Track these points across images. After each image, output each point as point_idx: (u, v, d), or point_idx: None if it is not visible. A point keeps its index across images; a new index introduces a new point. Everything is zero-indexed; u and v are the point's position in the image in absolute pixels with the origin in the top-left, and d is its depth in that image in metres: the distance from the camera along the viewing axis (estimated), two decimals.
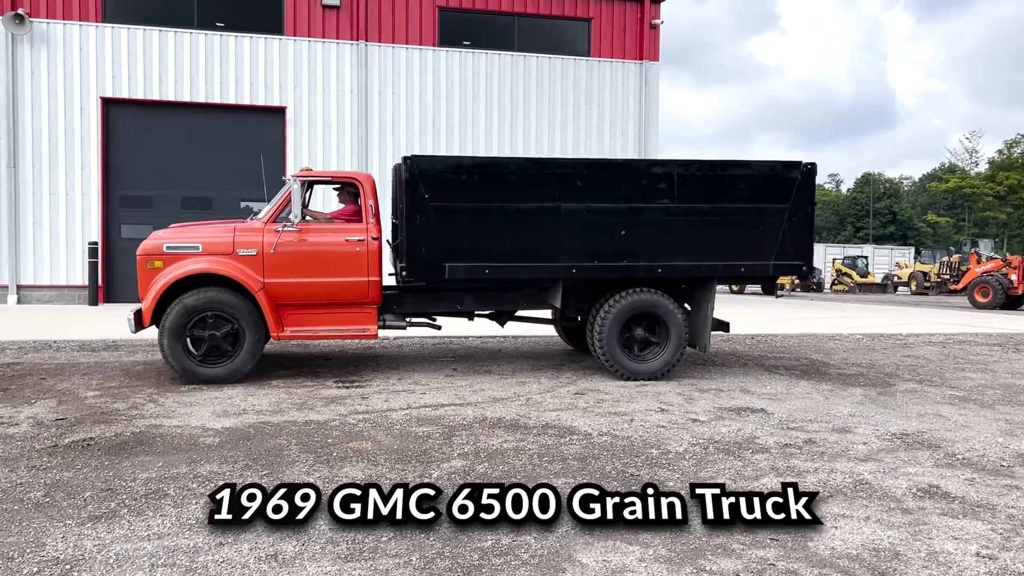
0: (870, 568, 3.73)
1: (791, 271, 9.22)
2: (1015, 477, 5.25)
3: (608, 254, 8.56)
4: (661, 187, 8.58)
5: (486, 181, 8.43)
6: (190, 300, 7.99)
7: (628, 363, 8.71)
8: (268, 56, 18.03)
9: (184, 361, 8.03)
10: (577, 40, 19.96)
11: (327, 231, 8.47)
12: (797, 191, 8.81)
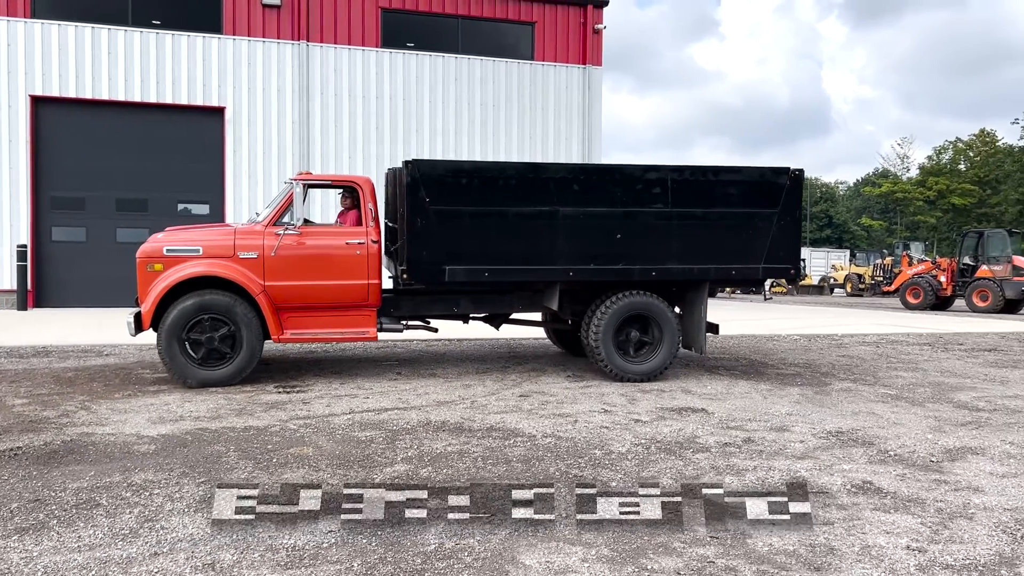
0: (806, 563, 3.81)
1: (780, 274, 9.41)
2: (944, 472, 5.42)
3: (604, 257, 8.70)
4: (655, 192, 8.76)
5: (485, 185, 8.50)
6: (189, 303, 7.98)
7: (624, 364, 8.84)
8: (206, 55, 17.67)
9: (183, 364, 8.01)
10: (521, 44, 20.03)
11: (327, 234, 8.52)
12: (786, 196, 9.05)
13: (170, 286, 7.96)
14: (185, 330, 7.99)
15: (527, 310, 9.48)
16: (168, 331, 7.94)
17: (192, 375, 8.04)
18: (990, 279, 24.01)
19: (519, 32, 20.01)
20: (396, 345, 11.62)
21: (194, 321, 8.00)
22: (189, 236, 8.43)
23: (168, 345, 7.95)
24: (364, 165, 18.49)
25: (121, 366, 9.48)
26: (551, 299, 8.99)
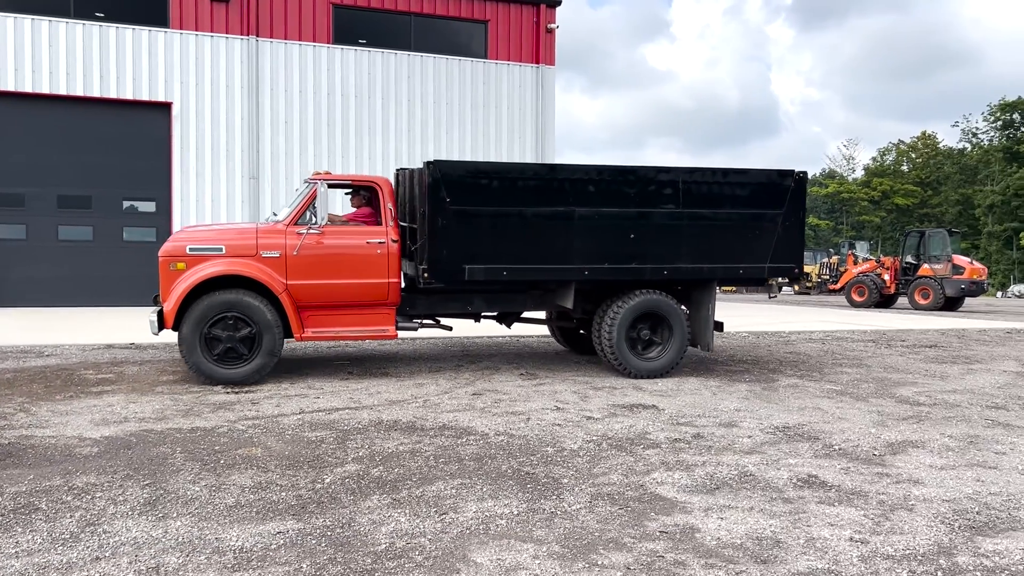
0: (753, 556, 3.87)
1: (784, 273, 9.59)
2: (886, 465, 5.56)
3: (618, 257, 8.89)
4: (667, 193, 8.97)
5: (504, 186, 8.64)
6: (212, 301, 8.00)
7: (636, 362, 9.03)
8: (152, 49, 17.27)
9: (203, 363, 8.04)
10: (474, 42, 19.99)
11: (348, 234, 8.56)
12: (790, 198, 9.33)
13: (194, 284, 7.96)
14: (206, 329, 8.01)
15: (537, 309, 9.68)
16: (190, 330, 7.96)
17: (213, 373, 8.07)
18: (931, 277, 24.69)
19: (472, 30, 19.97)
20: (348, 344, 11.52)
21: (215, 320, 8.03)
22: (211, 235, 8.45)
23: (190, 344, 7.98)
24: (315, 162, 18.28)
25: (63, 367, 9.24)
26: (565, 298, 9.14)
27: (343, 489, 4.79)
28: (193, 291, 8.01)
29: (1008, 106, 70.80)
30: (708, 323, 9.37)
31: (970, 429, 6.73)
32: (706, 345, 9.43)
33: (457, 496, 4.70)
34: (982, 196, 69.52)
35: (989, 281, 39.07)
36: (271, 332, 8.15)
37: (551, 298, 9.39)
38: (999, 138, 72.29)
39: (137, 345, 10.92)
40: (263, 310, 8.12)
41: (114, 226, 17.36)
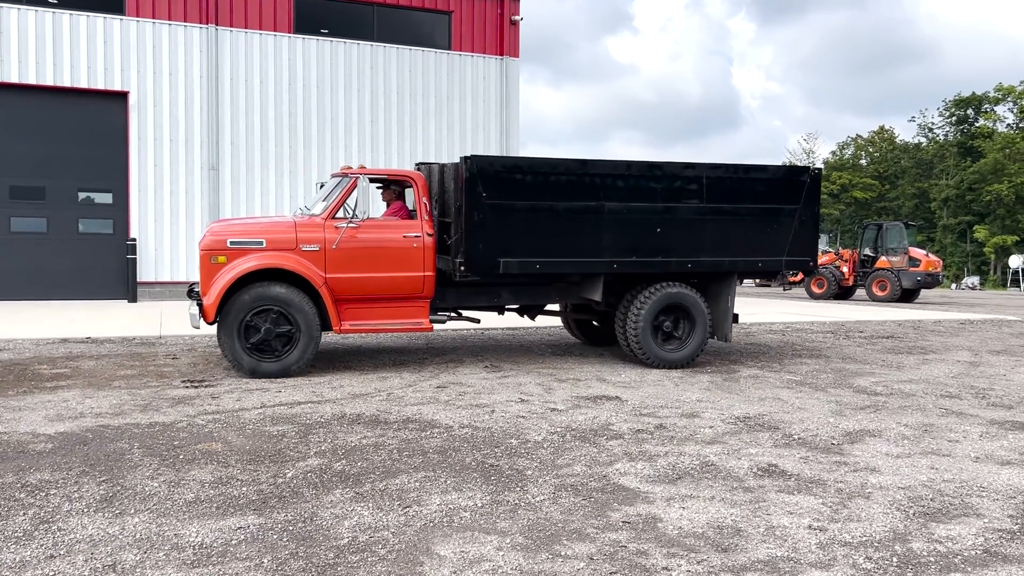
0: (714, 545, 3.91)
1: (800, 266, 9.96)
2: (844, 454, 5.65)
3: (645, 250, 9.13)
4: (692, 188, 9.26)
5: (537, 180, 8.82)
6: (252, 294, 8.06)
7: (660, 352, 9.26)
8: (108, 37, 16.89)
9: (243, 356, 8.10)
10: (438, 33, 19.85)
11: (385, 228, 8.66)
12: (806, 193, 9.68)
13: (236, 277, 7.98)
14: (246, 321, 8.05)
15: (562, 301, 9.85)
16: (230, 323, 8.01)
17: (253, 366, 8.13)
18: (888, 270, 25.14)
19: (436, 21, 19.83)
20: None
21: (254, 312, 8.07)
22: (252, 228, 8.49)
23: (229, 337, 8.03)
24: (277, 153, 18.05)
25: (16, 362, 9.03)
26: (592, 291, 9.35)
27: (305, 483, 4.75)
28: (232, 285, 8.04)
29: (962, 102, 72.29)
30: (728, 315, 9.69)
31: (925, 418, 6.87)
32: (724, 336, 9.72)
33: (421, 489, 4.69)
34: (937, 190, 70.95)
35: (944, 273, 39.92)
36: (310, 325, 8.22)
37: (575, 291, 9.62)
38: (953, 133, 73.83)
39: (93, 339, 10.71)
40: (303, 303, 8.20)
41: (69, 217, 16.98)
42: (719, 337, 9.76)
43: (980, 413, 7.12)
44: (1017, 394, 8.12)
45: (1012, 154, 64.66)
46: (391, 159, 19.06)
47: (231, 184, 17.77)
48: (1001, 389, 8.39)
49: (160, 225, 17.21)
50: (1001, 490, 4.87)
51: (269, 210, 17.93)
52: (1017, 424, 6.70)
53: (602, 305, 9.53)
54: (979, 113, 72.20)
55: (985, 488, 4.90)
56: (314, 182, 18.32)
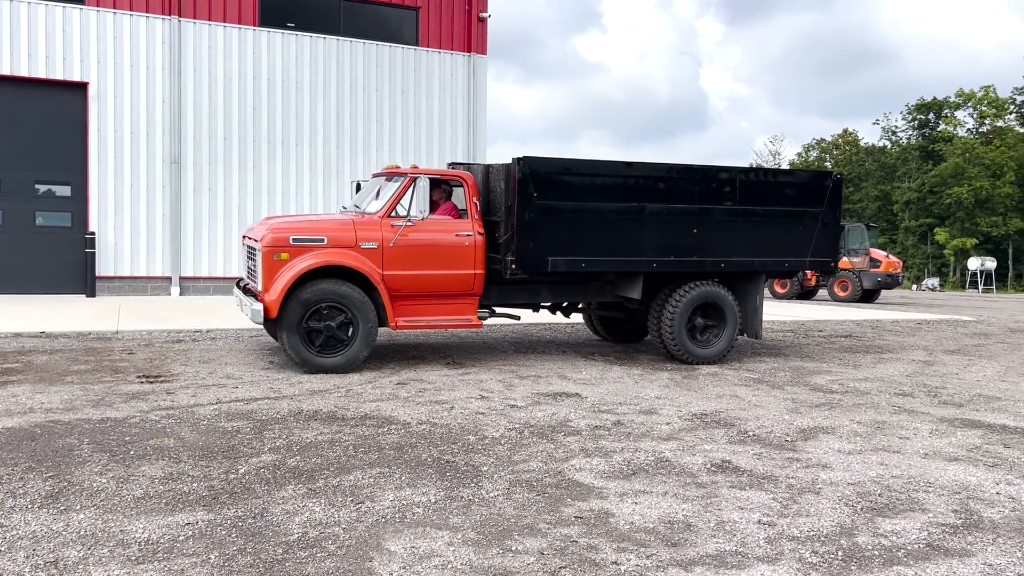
0: (664, 540, 3.95)
1: (822, 267, 10.48)
2: (797, 450, 5.73)
3: (682, 250, 9.47)
4: (726, 191, 9.65)
5: (584, 182, 9.11)
6: (315, 291, 8.20)
7: (695, 349, 9.61)
8: (67, 27, 16.55)
9: (304, 351, 8.21)
10: (405, 29, 19.73)
11: (439, 226, 8.83)
12: (829, 197, 10.11)
13: (300, 273, 8.12)
14: (306, 318, 8.18)
15: (598, 299, 10.08)
16: (291, 318, 8.12)
17: (313, 362, 8.24)
18: (850, 270, 25.52)
19: (403, 17, 19.70)
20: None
21: (313, 309, 8.20)
22: (312, 226, 8.63)
23: (291, 332, 8.14)
24: (240, 148, 17.83)
25: None
26: (631, 289, 9.62)
27: (257, 479, 4.71)
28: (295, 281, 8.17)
29: (924, 106, 73.63)
30: (757, 313, 10.11)
31: (878, 415, 6.99)
32: (755, 333, 10.14)
33: (375, 485, 4.67)
34: (900, 193, 72.19)
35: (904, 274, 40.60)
36: (369, 321, 8.38)
37: (610, 289, 9.88)
38: (916, 137, 75.15)
39: (48, 334, 10.50)
40: (363, 299, 8.34)
41: (26, 210, 16.61)
42: (749, 334, 10.20)
43: (931, 411, 7.26)
44: (968, 392, 8.29)
45: (972, 158, 65.99)
46: (356, 154, 18.94)
47: (193, 178, 17.51)
48: (953, 388, 8.56)
49: (120, 219, 16.91)
50: (947, 486, 4.96)
51: (231, 205, 17.73)
52: (966, 422, 6.84)
53: (635, 303, 9.86)
54: (940, 118, 73.59)
55: (932, 484, 5.00)
56: (278, 176, 18.14)
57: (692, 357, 9.56)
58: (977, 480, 5.09)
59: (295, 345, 8.18)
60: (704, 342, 9.72)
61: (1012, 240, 66.25)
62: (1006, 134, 68.41)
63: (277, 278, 8.16)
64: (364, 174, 18.84)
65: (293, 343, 8.17)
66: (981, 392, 8.33)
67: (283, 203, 18.15)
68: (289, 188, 18.28)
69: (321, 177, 18.57)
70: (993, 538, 4.08)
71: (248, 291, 8.99)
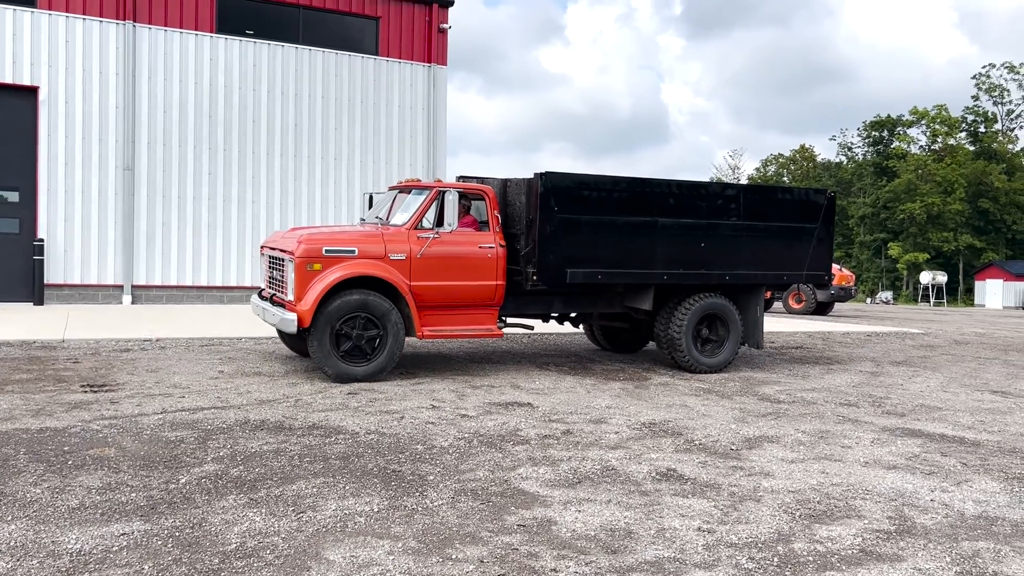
0: (604, 547, 3.97)
1: (817, 280, 10.98)
2: (741, 459, 5.81)
3: (690, 263, 9.84)
4: (732, 207, 10.06)
5: (602, 196, 9.44)
6: (345, 301, 8.31)
7: (701, 358, 9.95)
8: (17, 29, 16.24)
9: (334, 361, 8.32)
10: (365, 39, 19.69)
11: (462, 238, 9.03)
12: (824, 213, 10.65)
13: (333, 284, 8.23)
14: (336, 328, 8.28)
15: (609, 310, 10.32)
16: (323, 328, 8.22)
17: (342, 371, 8.34)
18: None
19: (363, 26, 19.66)
20: (222, 342, 11.15)
21: (346, 319, 8.33)
22: (343, 238, 8.74)
23: (322, 342, 8.23)
24: (195, 155, 17.61)
25: None
26: (641, 300, 9.91)
27: (198, 489, 4.64)
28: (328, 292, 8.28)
29: (878, 124, 75.37)
30: (758, 324, 10.51)
31: (822, 425, 7.11)
32: (756, 343, 10.53)
33: (317, 495, 4.63)
34: (855, 207, 73.68)
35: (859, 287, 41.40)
36: (396, 331, 8.53)
37: (620, 300, 10.15)
38: (870, 153, 76.83)
39: None
40: (392, 309, 8.48)
41: None
42: (751, 344, 10.54)
43: (874, 420, 7.41)
44: (911, 402, 8.48)
45: (924, 175, 67.64)
46: (314, 162, 18.82)
47: (147, 185, 17.25)
48: (897, 398, 8.75)
49: (71, 225, 16.59)
50: (884, 493, 5.07)
51: (186, 213, 17.48)
52: (908, 431, 7.00)
53: (643, 314, 10.18)
54: (893, 135, 75.34)
55: (869, 491, 5.10)
56: (234, 184, 17.94)
57: (699, 366, 9.87)
58: (913, 487, 5.21)
59: (326, 354, 8.26)
60: (709, 352, 10.04)
61: (962, 255, 67.94)
62: (957, 152, 70.28)
63: (310, 288, 8.24)
64: (322, 183, 18.75)
65: (324, 352, 8.26)
66: (923, 402, 8.53)
67: (238, 211, 17.96)
68: (245, 196, 18.09)
69: (278, 186, 18.42)
70: (924, 543, 4.18)
71: (273, 301, 9.04)
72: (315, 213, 18.59)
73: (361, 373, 8.43)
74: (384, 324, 8.49)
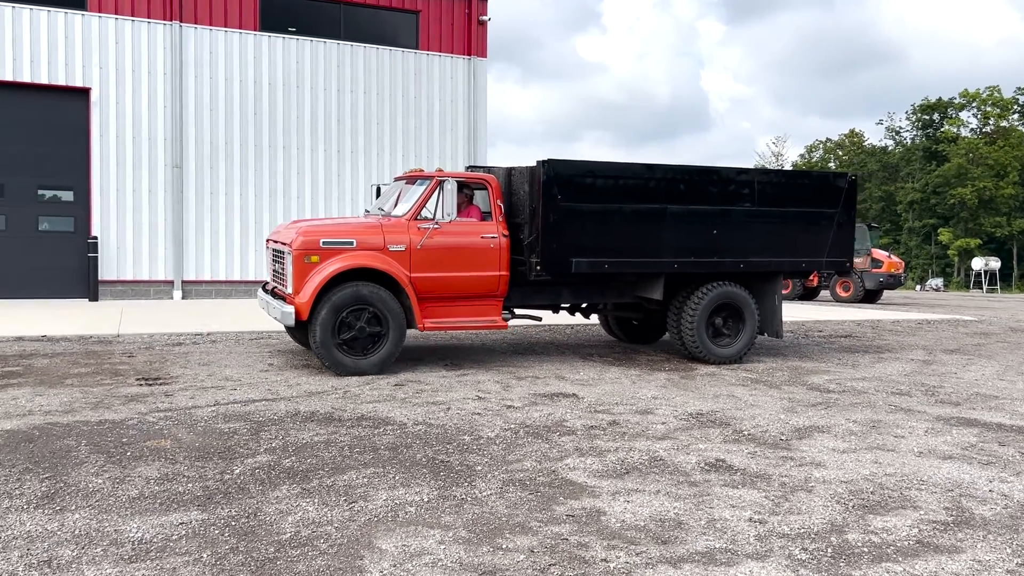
0: (654, 537, 3.97)
1: (838, 267, 10.64)
2: (791, 449, 5.74)
3: (702, 251, 9.58)
4: (745, 192, 9.78)
5: (607, 184, 9.23)
6: (346, 293, 8.24)
7: (714, 348, 9.70)
8: (69, 33, 16.64)
9: (336, 354, 8.25)
10: (405, 33, 19.78)
11: (464, 228, 8.89)
12: (844, 198, 10.26)
13: (331, 276, 8.17)
14: (338, 321, 8.22)
15: (618, 300, 10.14)
16: (324, 321, 8.14)
17: (345, 364, 8.28)
18: (852, 271, 25.48)
19: (403, 21, 19.76)
20: (271, 336, 11.33)
21: (347, 311, 8.25)
22: (342, 229, 8.67)
23: (323, 335, 8.16)
24: (242, 152, 17.89)
25: None
26: (652, 289, 9.67)
27: (252, 480, 4.74)
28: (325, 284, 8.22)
29: (928, 107, 73.50)
30: (776, 312, 10.19)
31: (874, 414, 6.99)
32: (775, 332, 10.26)
33: (368, 485, 4.69)
34: (903, 193, 72.06)
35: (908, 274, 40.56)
36: (398, 323, 8.45)
37: (630, 290, 9.93)
38: (919, 137, 75.02)
39: (49, 338, 10.55)
40: (393, 302, 8.40)
41: (28, 215, 16.69)
42: (770, 334, 10.28)
43: (928, 410, 7.26)
44: (966, 391, 8.29)
45: (975, 159, 65.85)
46: (357, 157, 18.99)
47: (195, 182, 17.58)
48: (951, 387, 8.56)
49: (123, 223, 16.98)
50: (940, 483, 4.97)
51: (233, 209, 17.79)
52: (962, 420, 6.85)
53: (655, 304, 9.93)
54: (944, 118, 73.46)
55: (925, 481, 5.01)
56: (279, 180, 18.20)
57: (712, 357, 9.62)
58: (971, 478, 5.10)
59: (327, 347, 8.20)
60: (724, 342, 9.80)
61: (1016, 240, 66.09)
62: (1010, 134, 68.25)
63: (308, 280, 8.21)
64: (365, 178, 18.91)
65: (325, 345, 8.19)
66: (979, 391, 8.33)
67: (284, 207, 18.21)
68: (290, 192, 18.34)
69: (322, 181, 18.63)
70: (984, 535, 4.09)
71: (275, 294, 9.05)
72: (358, 206, 18.74)
73: (365, 366, 8.33)
74: (385, 316, 8.38)
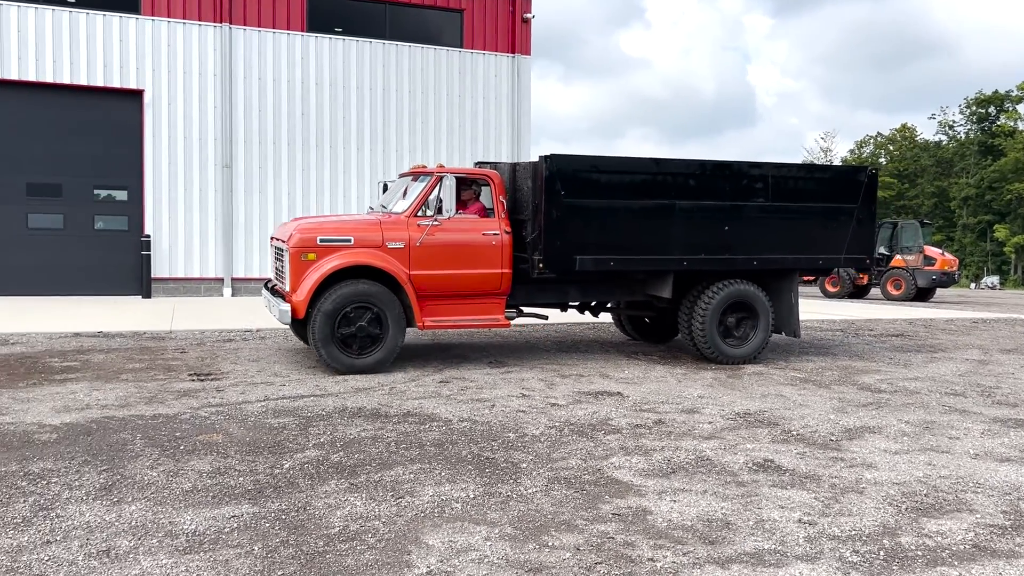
0: (702, 537, 3.93)
1: (857, 264, 10.24)
2: (841, 450, 5.65)
3: (713, 248, 9.30)
4: (758, 187, 9.48)
5: (612, 179, 9.01)
6: (344, 291, 8.17)
7: (726, 348, 9.43)
8: (123, 36, 17.05)
9: (335, 352, 8.20)
10: (449, 31, 19.88)
11: (465, 225, 8.77)
12: (864, 192, 9.93)
13: (328, 274, 8.12)
14: (337, 318, 8.16)
15: (627, 298, 9.96)
16: (323, 319, 8.10)
17: (344, 363, 8.23)
18: (903, 268, 24.95)
19: (448, 20, 19.86)
20: None
21: (344, 310, 8.19)
22: (340, 226, 8.65)
23: (322, 333, 8.11)
24: (290, 151, 18.16)
25: (27, 355, 9.16)
26: (661, 287, 9.46)
27: (301, 474, 4.81)
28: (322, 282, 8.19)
29: (984, 100, 71.56)
30: (792, 310, 9.91)
31: (927, 415, 6.84)
32: (792, 331, 9.96)
33: (415, 480, 4.74)
34: (957, 189, 70.30)
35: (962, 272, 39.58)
36: (398, 321, 8.38)
37: (640, 288, 9.73)
38: (975, 131, 73.08)
39: (105, 333, 10.84)
40: (391, 299, 8.33)
41: (85, 214, 17.17)
42: (786, 333, 10.00)
43: (984, 411, 7.08)
44: (1023, 392, 8.06)
45: None
46: (402, 155, 19.14)
47: (244, 181, 17.90)
48: (1008, 387, 8.33)
49: (174, 222, 17.37)
50: (997, 486, 4.85)
51: (281, 207, 18.06)
52: (1020, 422, 6.66)
53: (665, 302, 9.71)
54: (1000, 112, 71.44)
55: (981, 484, 4.89)
56: (326, 178, 18.43)
57: (723, 357, 9.37)
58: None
59: (325, 345, 8.13)
60: (736, 342, 9.51)
61: None
62: None
63: (305, 278, 8.15)
64: None
65: (323, 343, 8.13)
66: None
67: (331, 204, 18.43)
68: (337, 190, 18.56)
69: (368, 179, 18.81)
70: None
71: (276, 292, 9.05)
72: None
73: (365, 364, 8.27)
74: (383, 314, 8.30)
